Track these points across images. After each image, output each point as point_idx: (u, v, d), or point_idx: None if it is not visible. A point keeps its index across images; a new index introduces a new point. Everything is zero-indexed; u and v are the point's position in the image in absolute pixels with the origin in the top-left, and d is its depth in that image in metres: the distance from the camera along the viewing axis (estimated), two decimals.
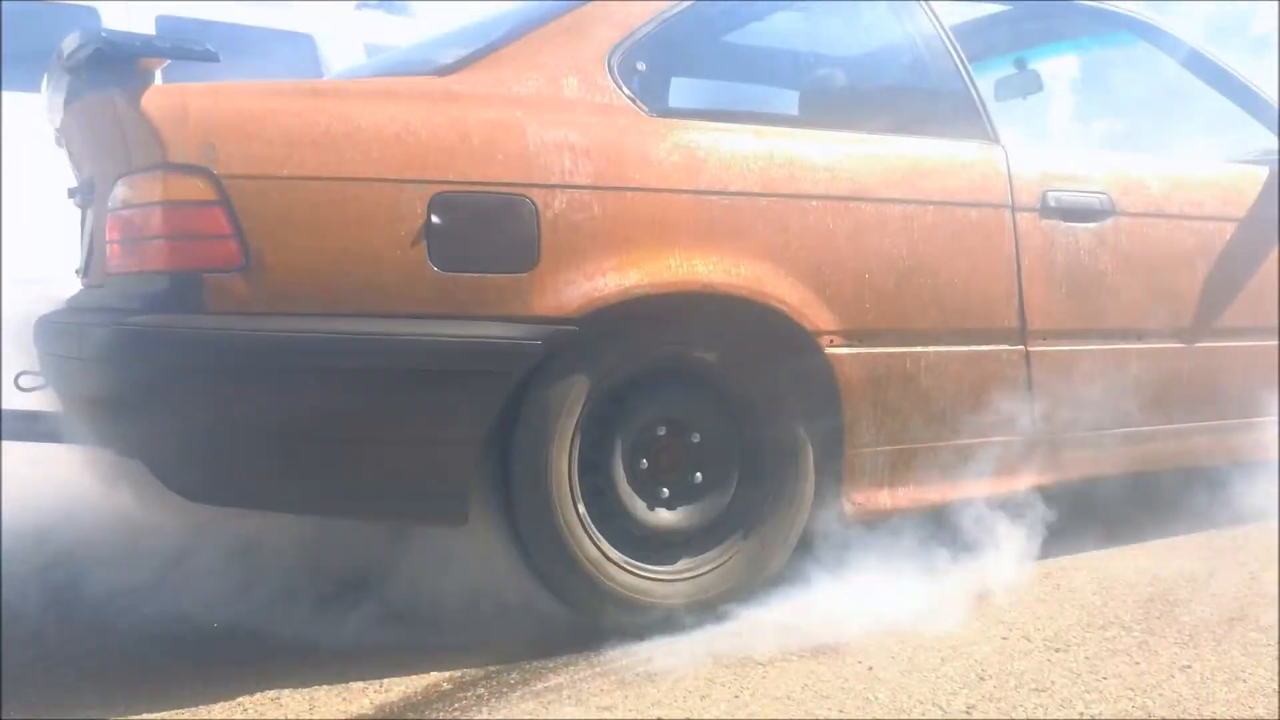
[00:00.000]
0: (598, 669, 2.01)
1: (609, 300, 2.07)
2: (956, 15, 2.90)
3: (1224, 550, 2.68)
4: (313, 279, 1.93)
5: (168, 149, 1.87)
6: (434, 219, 1.96)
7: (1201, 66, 3.00)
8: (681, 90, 2.45)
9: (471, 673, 2.00)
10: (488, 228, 2.02)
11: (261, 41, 5.39)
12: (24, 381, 2.74)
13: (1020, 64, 3.25)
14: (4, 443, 2.85)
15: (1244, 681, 1.86)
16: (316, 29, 5.86)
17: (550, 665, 2.03)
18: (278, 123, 1.94)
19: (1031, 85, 3.26)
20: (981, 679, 1.91)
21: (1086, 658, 1.99)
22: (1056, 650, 2.02)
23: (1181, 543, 2.75)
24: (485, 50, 2.21)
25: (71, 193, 2.76)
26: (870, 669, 1.97)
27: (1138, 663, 1.96)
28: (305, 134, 1.94)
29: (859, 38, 2.72)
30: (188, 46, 1.96)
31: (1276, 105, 2.98)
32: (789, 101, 2.63)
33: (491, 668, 2.02)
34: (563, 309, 2.03)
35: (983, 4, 3.20)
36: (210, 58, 1.93)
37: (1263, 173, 2.91)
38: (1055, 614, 2.21)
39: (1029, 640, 2.07)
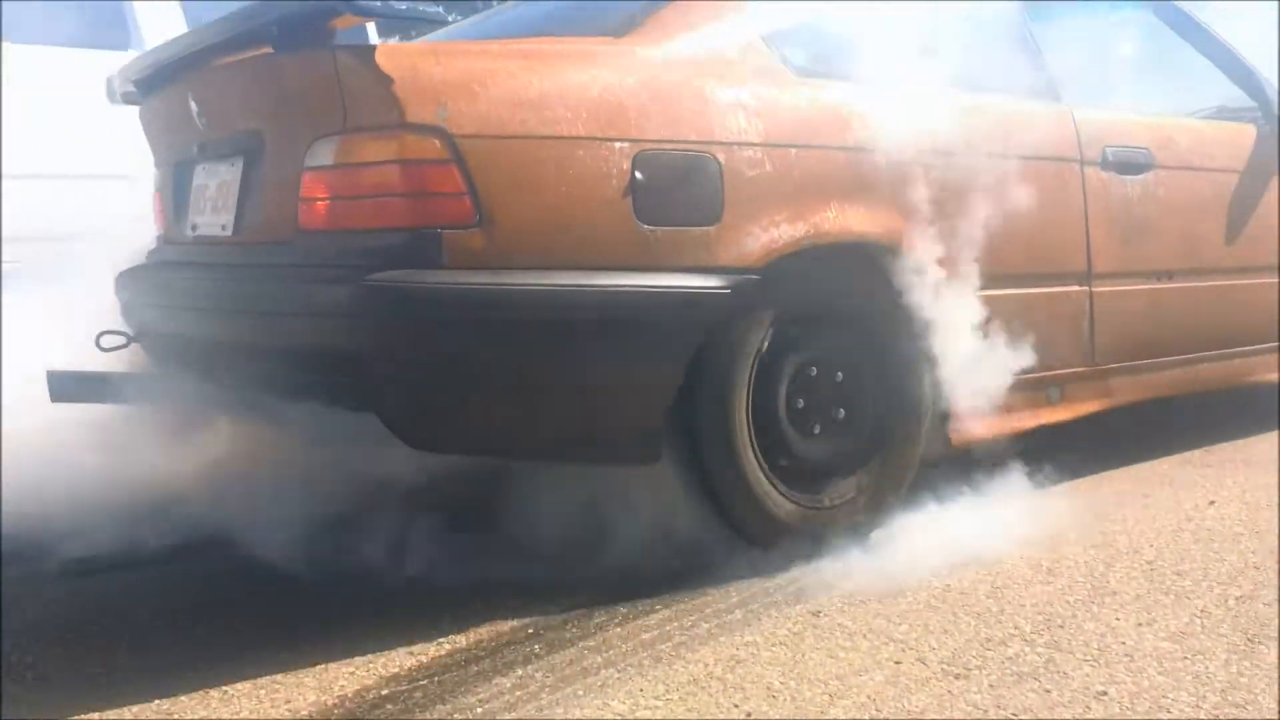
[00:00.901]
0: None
1: (783, 251, 2.26)
2: None
3: (1114, 535, 2.52)
4: (536, 235, 2.04)
5: (405, 109, 1.94)
6: (638, 175, 2.10)
7: (1198, 36, 3.39)
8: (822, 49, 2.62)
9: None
10: (682, 184, 2.17)
11: None
12: (106, 341, 2.73)
13: None
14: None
15: (1168, 711, 1.64)
16: None
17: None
18: (499, 83, 2.04)
19: None
20: None
21: (990, 685, 1.75)
22: (956, 677, 1.78)
23: (1067, 529, 2.54)
24: (650, 10, 2.34)
25: (160, 160, 2.75)
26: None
27: (1048, 690, 1.73)
28: (523, 94, 2.05)
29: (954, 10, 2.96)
30: (406, 9, 2.02)
31: (1256, 72, 3.40)
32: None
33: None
34: (744, 259, 2.21)
35: None
36: (440, 19, 2.00)
37: (1251, 130, 3.32)
38: (950, 626, 1.99)
39: (924, 664, 1.83)
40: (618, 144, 2.10)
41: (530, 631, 2.04)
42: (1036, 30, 2.96)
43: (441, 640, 2.01)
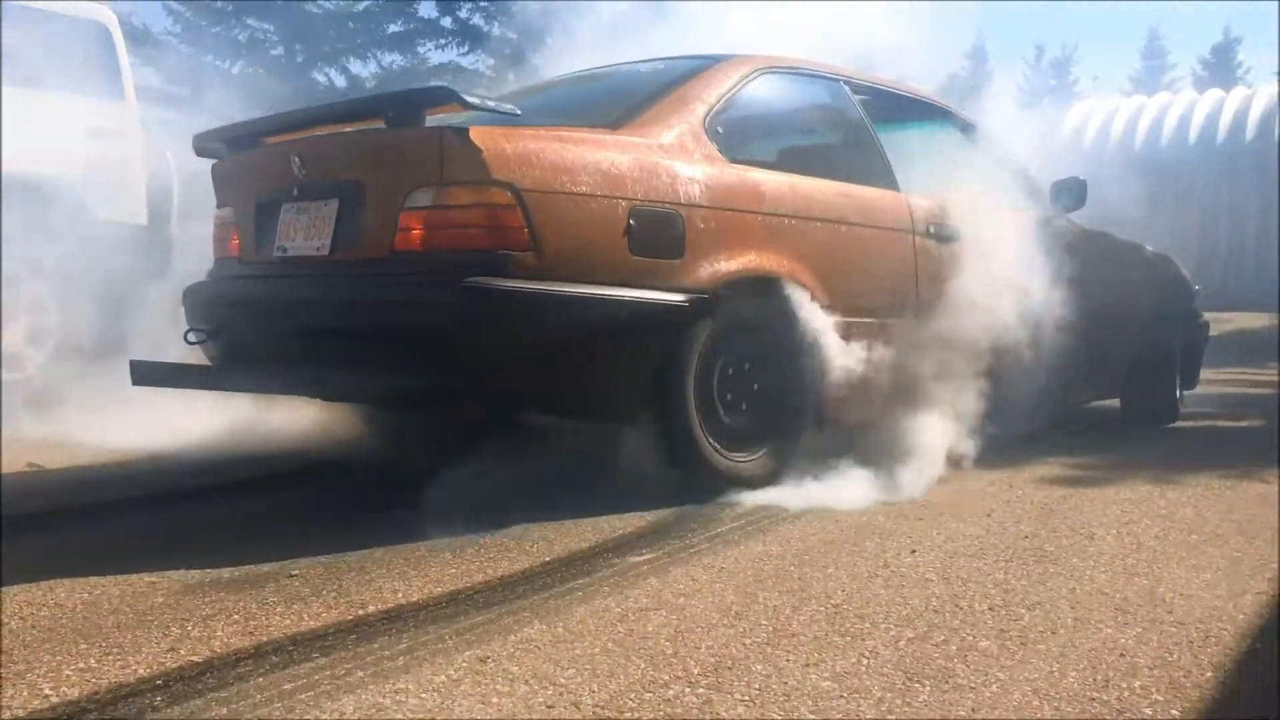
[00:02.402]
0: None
1: (723, 280, 3.41)
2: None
3: (810, 581, 2.63)
4: (568, 258, 3.14)
5: (490, 169, 3.02)
6: (632, 223, 3.23)
7: (991, 148, 4.76)
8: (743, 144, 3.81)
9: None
10: (660, 230, 3.30)
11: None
12: (192, 336, 3.68)
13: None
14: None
15: None
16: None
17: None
18: (546, 157, 3.15)
19: (1078, 195, 4.89)
20: None
21: None
22: None
23: (768, 576, 2.66)
24: (632, 113, 3.51)
25: (225, 199, 3.75)
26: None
27: None
28: (562, 165, 3.16)
29: (833, 118, 4.21)
30: (494, 105, 3.11)
31: (1034, 178, 4.79)
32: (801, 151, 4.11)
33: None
34: (699, 284, 3.36)
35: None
36: (513, 116, 3.09)
37: (1032, 214, 4.68)
38: (618, 669, 2.02)
39: (578, 708, 1.83)
40: (620, 201, 3.23)
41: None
42: (884, 140, 4.24)
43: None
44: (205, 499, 3.65)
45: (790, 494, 3.49)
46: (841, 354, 3.70)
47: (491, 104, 3.16)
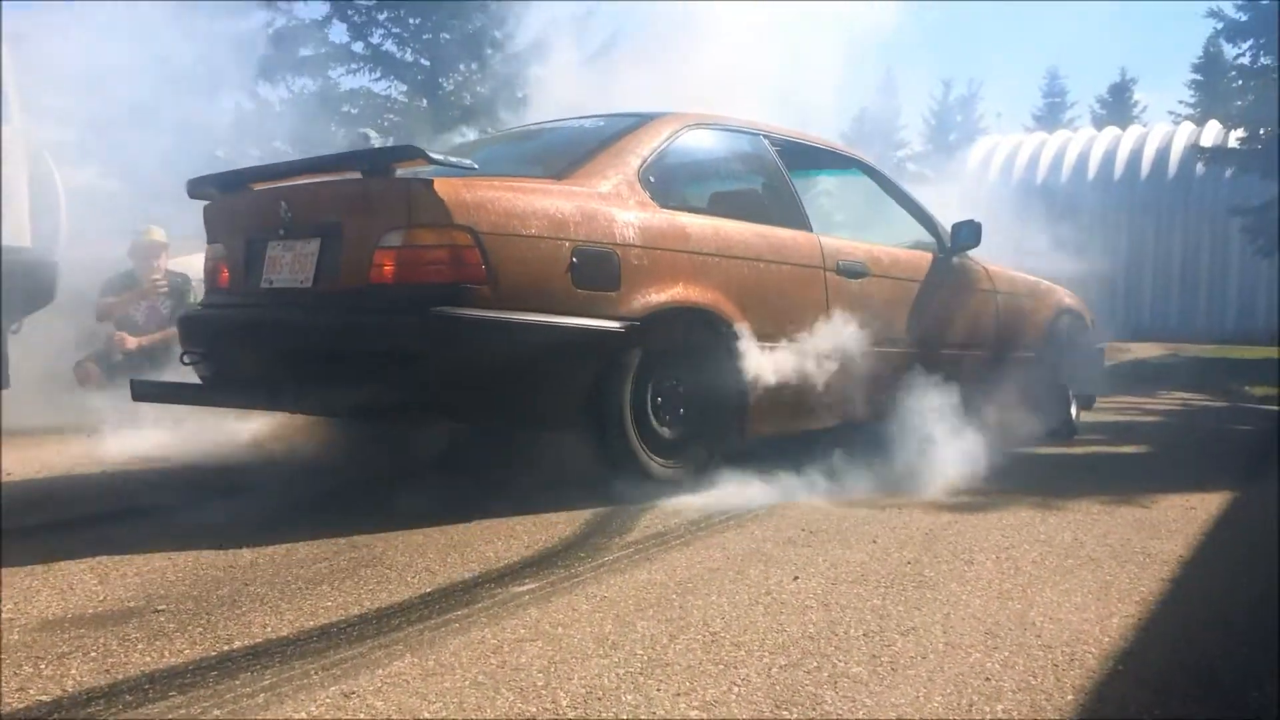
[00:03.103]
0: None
1: (653, 309, 3.98)
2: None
3: (691, 609, 2.68)
4: (520, 291, 3.68)
5: (452, 214, 3.56)
6: (574, 260, 3.79)
7: (894, 192, 5.44)
8: (672, 191, 4.42)
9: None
10: (599, 266, 3.87)
11: None
12: (187, 358, 4.19)
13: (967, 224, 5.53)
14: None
15: None
16: None
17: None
18: (501, 204, 3.68)
19: (975, 235, 5.51)
20: None
21: None
22: None
23: (649, 605, 2.67)
24: (574, 165, 4.07)
25: (216, 236, 4.26)
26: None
27: None
28: (514, 211, 3.70)
29: (754, 167, 4.85)
30: (455, 161, 3.66)
31: (935, 219, 5.47)
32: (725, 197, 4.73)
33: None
34: (632, 313, 3.92)
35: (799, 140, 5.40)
36: (470, 169, 3.66)
37: (929, 255, 5.37)
38: (486, 702, 2.06)
39: None
40: (565, 241, 3.78)
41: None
42: (798, 184, 4.88)
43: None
44: (70, 530, 3.58)
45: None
46: (759, 374, 4.28)
47: (452, 160, 3.70)
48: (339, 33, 22.22)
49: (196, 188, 4.34)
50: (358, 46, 21.10)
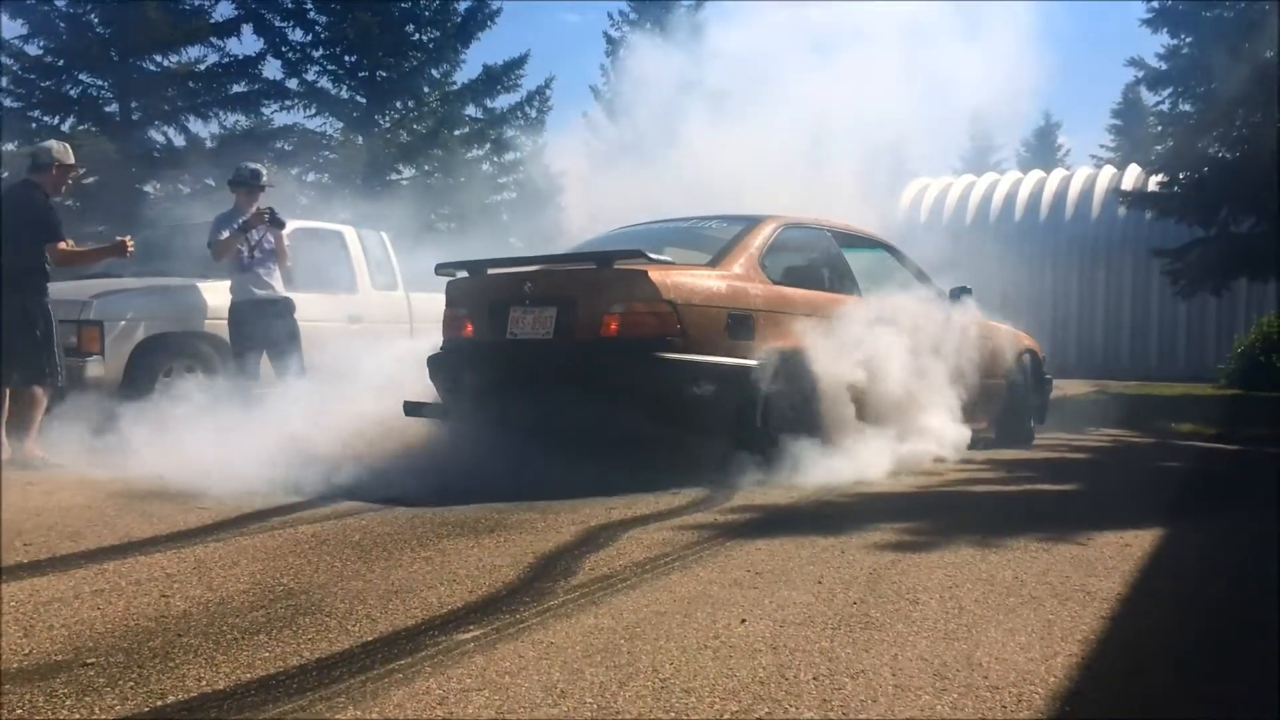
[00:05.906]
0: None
1: (774, 351, 6.58)
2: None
3: (640, 654, 2.82)
4: (700, 342, 6.18)
5: (660, 293, 6.11)
6: (729, 320, 6.41)
7: (907, 263, 8.32)
8: (777, 270, 7.16)
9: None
10: (740, 324, 6.41)
11: None
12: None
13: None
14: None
15: None
16: None
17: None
18: (688, 284, 6.20)
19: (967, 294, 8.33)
20: None
21: None
22: None
23: (596, 650, 2.82)
24: (720, 255, 6.69)
25: (460, 302, 6.92)
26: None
27: None
28: (696, 289, 6.23)
29: (823, 251, 7.68)
30: (656, 257, 6.32)
31: (932, 280, 8.33)
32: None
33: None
34: (761, 354, 6.47)
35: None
36: (667, 262, 6.37)
37: (939, 306, 8.19)
38: None
39: None
40: (725, 310, 6.33)
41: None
42: (850, 261, 7.66)
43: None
44: None
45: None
46: (830, 391, 6.87)
47: (654, 256, 6.18)
48: (274, 69, 23.05)
49: (444, 268, 6.90)
50: (292, 83, 22.52)
